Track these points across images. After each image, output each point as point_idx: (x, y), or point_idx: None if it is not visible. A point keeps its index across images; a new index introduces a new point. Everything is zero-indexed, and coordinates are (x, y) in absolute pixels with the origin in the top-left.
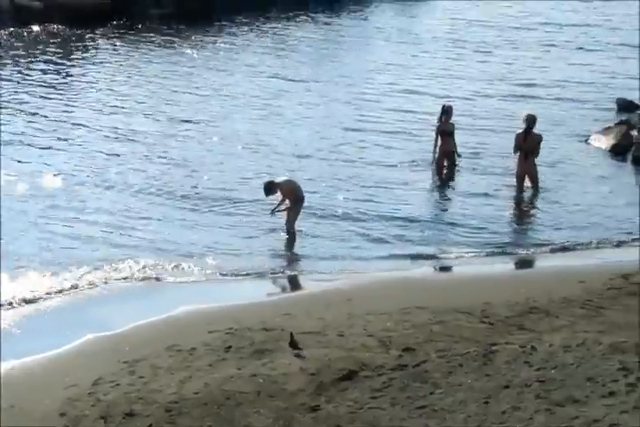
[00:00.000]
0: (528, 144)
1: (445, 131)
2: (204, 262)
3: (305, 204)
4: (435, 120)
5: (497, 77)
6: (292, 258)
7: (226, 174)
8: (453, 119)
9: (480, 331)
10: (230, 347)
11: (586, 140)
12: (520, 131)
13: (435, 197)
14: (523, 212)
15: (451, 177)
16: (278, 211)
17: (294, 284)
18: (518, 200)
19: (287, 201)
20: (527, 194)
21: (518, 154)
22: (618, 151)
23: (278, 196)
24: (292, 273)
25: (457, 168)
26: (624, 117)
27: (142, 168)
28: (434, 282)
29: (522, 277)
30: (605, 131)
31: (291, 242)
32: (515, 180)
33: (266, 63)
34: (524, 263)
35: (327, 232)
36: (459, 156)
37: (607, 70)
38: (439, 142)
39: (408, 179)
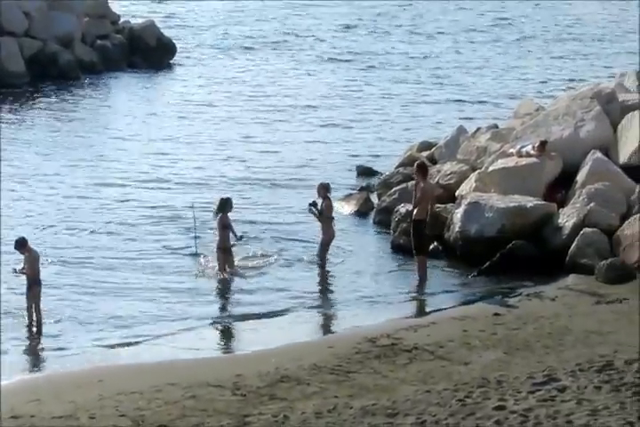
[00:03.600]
0: (330, 208)
1: (224, 223)
2: None
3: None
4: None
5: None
6: (36, 339)
7: None
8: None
9: (233, 403)
10: None
11: None
12: (321, 199)
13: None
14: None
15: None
16: (21, 272)
17: (39, 365)
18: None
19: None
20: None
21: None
22: (360, 216)
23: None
24: (37, 354)
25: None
26: (364, 184)
27: None
28: (183, 358)
29: (271, 346)
30: (347, 198)
31: (31, 321)
32: (320, 247)
33: None
34: (273, 331)
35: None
36: (240, 238)
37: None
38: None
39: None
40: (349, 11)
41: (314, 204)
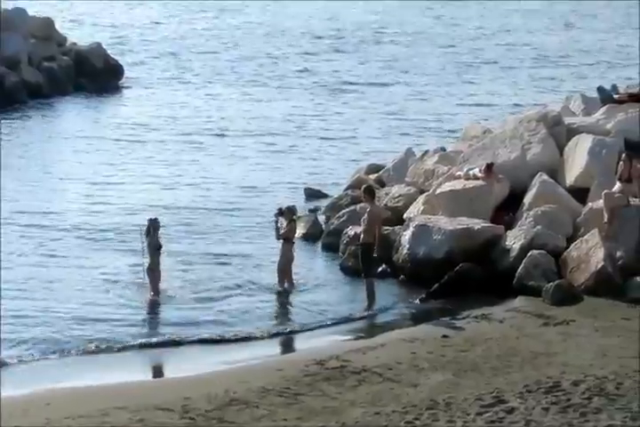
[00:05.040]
0: (293, 232)
1: (157, 244)
2: None
3: None
4: None
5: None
6: None
7: None
8: None
9: None
10: None
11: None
12: (286, 221)
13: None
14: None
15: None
16: None
17: None
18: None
19: None
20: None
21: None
22: (309, 239)
23: None
24: None
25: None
26: (312, 206)
27: None
28: (130, 381)
29: (220, 368)
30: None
31: None
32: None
33: None
34: (223, 355)
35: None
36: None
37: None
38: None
39: None
40: (310, 31)
41: (280, 212)
